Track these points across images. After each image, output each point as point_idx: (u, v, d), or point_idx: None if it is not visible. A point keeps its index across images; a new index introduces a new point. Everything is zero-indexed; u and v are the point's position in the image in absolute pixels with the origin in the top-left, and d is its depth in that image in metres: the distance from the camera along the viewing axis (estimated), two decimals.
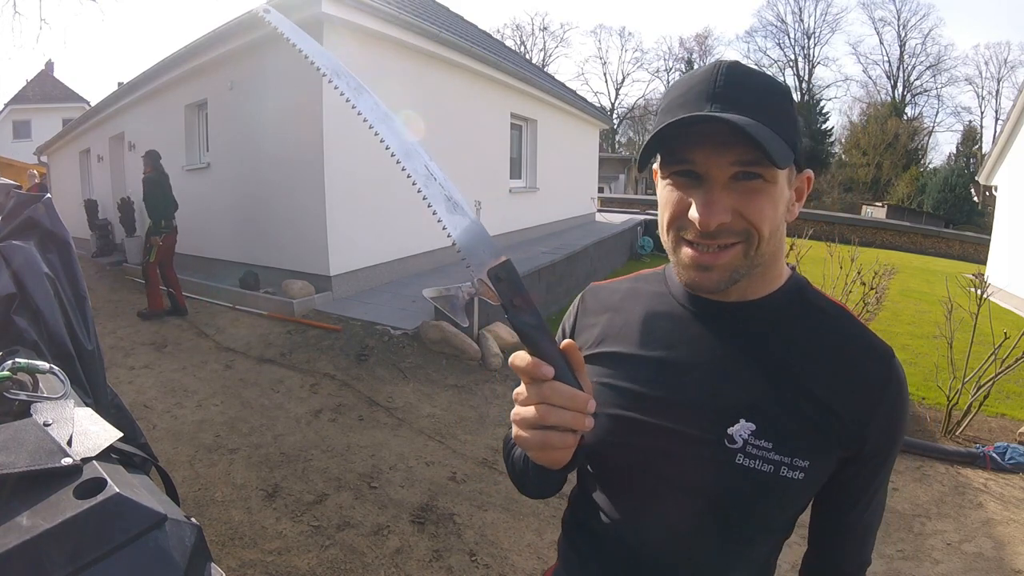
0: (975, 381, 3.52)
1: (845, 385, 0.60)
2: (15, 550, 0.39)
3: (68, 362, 0.87)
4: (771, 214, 0.58)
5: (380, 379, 3.98)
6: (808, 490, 0.61)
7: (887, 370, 0.61)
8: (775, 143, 0.54)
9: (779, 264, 0.66)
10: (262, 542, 2.25)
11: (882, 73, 31.40)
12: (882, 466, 0.64)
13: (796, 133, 0.59)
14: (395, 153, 0.58)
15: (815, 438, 0.59)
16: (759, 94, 0.57)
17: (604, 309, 0.74)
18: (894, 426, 0.62)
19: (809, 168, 0.64)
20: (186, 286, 6.53)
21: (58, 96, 21.61)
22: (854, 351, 0.62)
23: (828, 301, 0.67)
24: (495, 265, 0.54)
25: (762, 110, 0.56)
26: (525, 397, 0.54)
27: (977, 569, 2.31)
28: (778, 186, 0.58)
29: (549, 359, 0.53)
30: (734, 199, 0.57)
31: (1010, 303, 7.97)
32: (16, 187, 1.14)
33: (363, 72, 4.02)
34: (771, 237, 0.59)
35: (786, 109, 0.59)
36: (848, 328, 0.64)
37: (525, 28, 45.60)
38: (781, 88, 0.60)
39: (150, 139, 8.22)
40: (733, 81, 0.57)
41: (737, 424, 0.60)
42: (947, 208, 24.12)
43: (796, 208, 0.64)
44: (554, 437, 0.53)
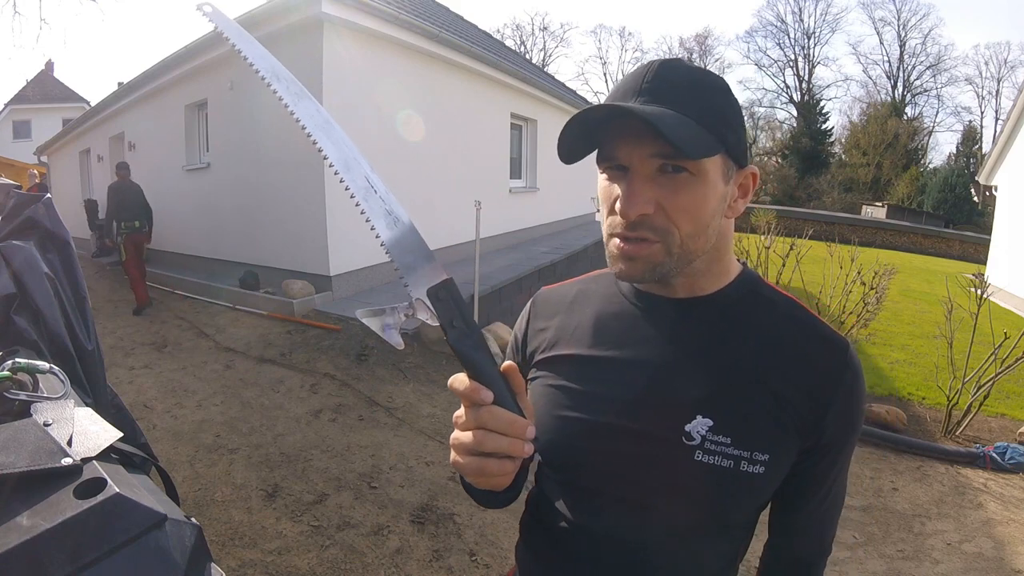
0: (975, 381, 3.52)
1: (801, 377, 0.60)
2: (15, 550, 0.39)
3: (68, 362, 0.87)
4: (694, 207, 0.57)
5: (380, 379, 3.99)
6: (770, 483, 0.61)
7: (842, 360, 0.61)
8: (685, 131, 0.53)
9: (725, 259, 0.65)
10: (262, 542, 2.25)
11: (882, 73, 31.43)
12: (840, 455, 0.64)
13: (727, 127, 0.58)
14: (333, 164, 0.55)
15: (774, 431, 0.59)
16: (687, 88, 0.57)
17: (555, 312, 0.74)
18: (851, 416, 0.62)
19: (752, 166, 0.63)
20: (186, 286, 6.55)
21: (58, 96, 21.60)
22: (808, 343, 0.62)
23: (780, 295, 0.66)
24: (436, 284, 0.51)
25: (687, 103, 0.56)
26: (464, 421, 0.53)
27: (977, 569, 2.31)
28: (706, 180, 0.57)
29: (489, 383, 0.51)
30: (657, 191, 0.57)
31: (1010, 303, 7.97)
32: (16, 187, 1.14)
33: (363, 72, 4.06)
34: (698, 232, 0.59)
35: (717, 102, 0.58)
36: (802, 320, 0.64)
37: (525, 28, 45.62)
38: (716, 83, 0.60)
39: (150, 139, 8.24)
40: (661, 76, 0.57)
41: (694, 420, 0.59)
42: (947, 208, 24.12)
43: (740, 204, 0.63)
44: (491, 465, 0.52)
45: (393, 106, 5.91)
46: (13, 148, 17.61)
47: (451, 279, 0.52)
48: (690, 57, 34.97)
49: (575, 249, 7.89)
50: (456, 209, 6.58)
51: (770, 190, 30.65)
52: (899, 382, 4.51)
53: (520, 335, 0.77)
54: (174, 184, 7.68)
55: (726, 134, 0.58)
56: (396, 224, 0.54)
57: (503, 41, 19.05)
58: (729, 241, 0.65)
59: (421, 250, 0.53)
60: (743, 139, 0.61)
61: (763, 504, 0.65)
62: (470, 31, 9.30)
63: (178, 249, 7.84)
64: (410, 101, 6.12)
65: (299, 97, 0.57)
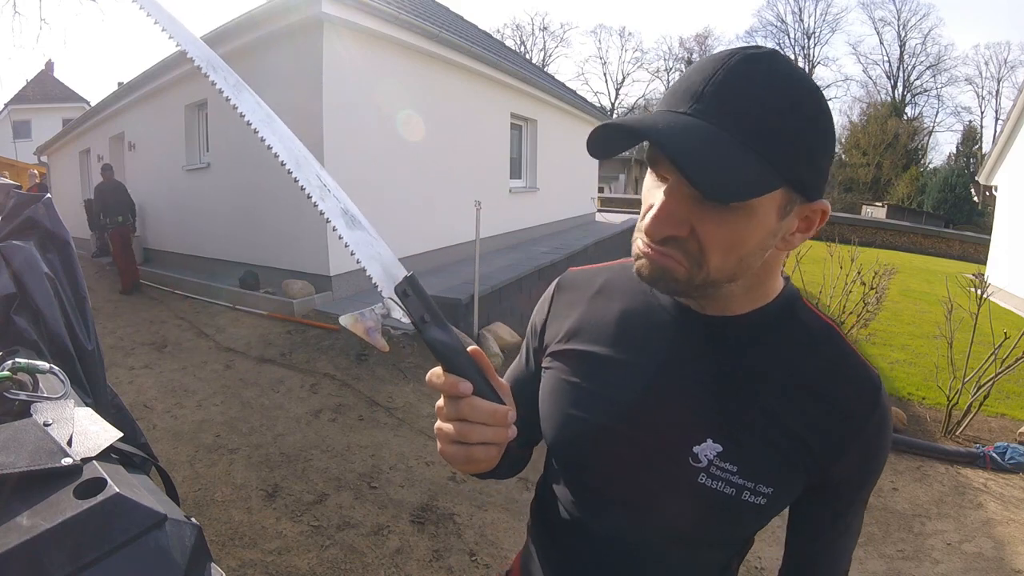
0: (975, 381, 3.52)
1: (823, 415, 0.57)
2: (15, 550, 0.39)
3: (68, 362, 0.87)
4: (732, 243, 0.51)
5: (380, 379, 3.99)
6: (770, 513, 0.59)
7: (871, 403, 0.57)
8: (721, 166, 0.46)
9: (767, 284, 0.60)
10: (262, 542, 2.25)
11: (882, 73, 31.43)
12: (858, 494, 0.62)
13: (799, 160, 0.49)
14: (284, 161, 0.53)
15: (782, 467, 0.57)
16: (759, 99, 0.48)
17: (578, 300, 0.70)
18: (872, 459, 0.59)
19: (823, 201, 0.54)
20: (186, 286, 6.55)
21: (58, 96, 21.60)
22: (838, 378, 0.58)
23: (817, 319, 0.62)
24: (400, 281, 0.51)
25: (749, 122, 0.47)
26: (444, 413, 0.53)
27: (977, 569, 2.31)
28: (754, 215, 0.50)
29: (465, 374, 0.51)
30: (693, 215, 0.51)
31: (1010, 303, 7.97)
32: (16, 187, 1.14)
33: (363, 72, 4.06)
34: (730, 268, 0.53)
35: (794, 127, 0.48)
36: (835, 352, 0.59)
37: (525, 28, 45.58)
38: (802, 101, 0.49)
39: (150, 139, 8.24)
40: (733, 80, 0.48)
41: (704, 443, 0.57)
42: (947, 208, 24.11)
43: (797, 239, 0.56)
44: (477, 452, 0.52)
45: (393, 106, 5.91)
46: (13, 148, 17.61)
47: (413, 274, 0.52)
48: (690, 57, 34.96)
49: (575, 249, 7.88)
50: (456, 209, 6.59)
51: None
52: (899, 382, 4.51)
53: (541, 320, 0.74)
54: (174, 184, 7.68)
55: (795, 167, 0.49)
56: (355, 224, 0.53)
57: (503, 41, 19.05)
58: (775, 269, 0.60)
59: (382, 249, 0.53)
60: (822, 170, 0.52)
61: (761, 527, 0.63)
62: (470, 31, 9.30)
63: (178, 249, 7.84)
64: (410, 101, 6.12)
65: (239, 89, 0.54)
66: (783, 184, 0.49)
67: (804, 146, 0.50)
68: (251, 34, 5.51)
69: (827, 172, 0.53)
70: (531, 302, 5.29)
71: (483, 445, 0.52)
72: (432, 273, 6.60)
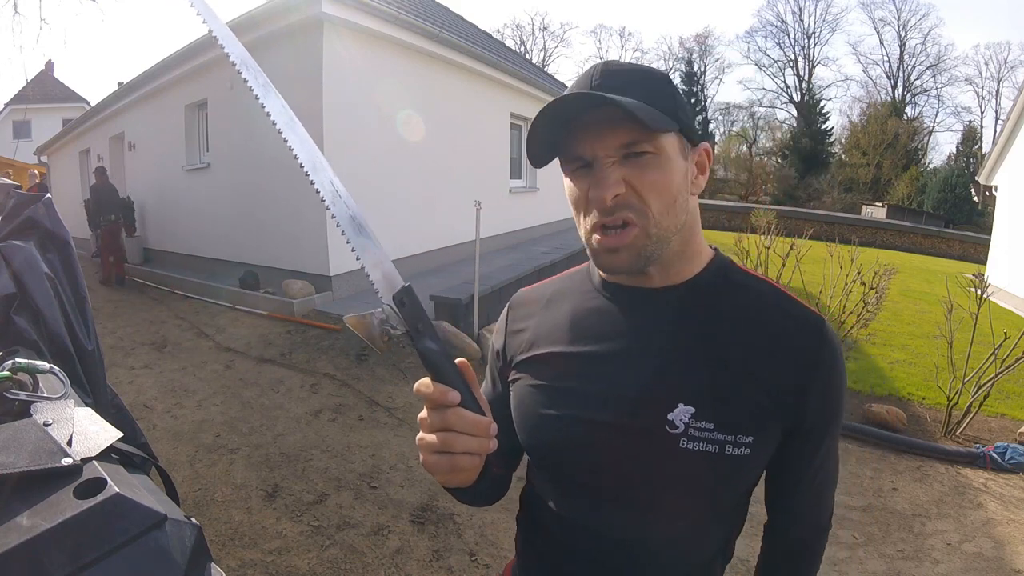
0: (975, 381, 3.52)
1: (777, 359, 0.61)
2: (15, 550, 0.39)
3: (68, 362, 0.87)
4: (662, 184, 0.59)
5: (380, 379, 3.99)
6: (756, 465, 0.62)
7: (819, 340, 0.62)
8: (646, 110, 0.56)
9: (694, 242, 0.66)
10: (262, 542, 2.25)
11: (882, 73, 31.41)
12: (827, 435, 0.65)
13: (678, 107, 0.60)
14: (303, 164, 0.56)
15: (756, 413, 0.60)
16: (635, 78, 0.60)
17: (532, 313, 0.74)
18: (833, 395, 0.63)
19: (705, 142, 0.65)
20: (186, 286, 6.56)
21: (58, 96, 21.60)
22: (783, 324, 0.62)
23: (753, 277, 0.67)
24: (398, 290, 0.54)
25: (637, 89, 0.58)
26: (429, 423, 0.55)
27: (977, 569, 2.31)
28: (668, 157, 0.59)
29: (453, 384, 0.53)
30: (625, 172, 0.59)
31: (1010, 303, 7.97)
32: (16, 187, 1.14)
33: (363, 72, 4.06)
34: (668, 208, 0.60)
35: (663, 87, 0.61)
36: (775, 301, 0.64)
37: (525, 28, 45.63)
38: (658, 73, 0.63)
39: (150, 139, 8.24)
40: (609, 73, 0.60)
41: (676, 409, 0.60)
42: (947, 208, 24.10)
43: (700, 180, 0.65)
44: (462, 460, 0.54)
45: (393, 106, 5.91)
46: (13, 148, 17.60)
47: (410, 285, 0.55)
48: (690, 57, 34.99)
49: (575, 249, 7.88)
50: (456, 209, 6.59)
51: (770, 190, 30.66)
52: (899, 382, 4.51)
53: (500, 342, 0.77)
54: (174, 184, 7.68)
55: (678, 113, 0.60)
56: (361, 231, 0.56)
57: (503, 41, 19.05)
58: (698, 221, 0.66)
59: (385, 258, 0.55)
60: (691, 118, 0.63)
61: (752, 485, 0.66)
62: (470, 31, 9.30)
63: (178, 249, 7.85)
64: (410, 101, 6.13)
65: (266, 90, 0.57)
66: (677, 126, 0.60)
67: (676, 98, 0.61)
68: (251, 34, 5.50)
69: (694, 123, 0.65)
70: None
71: (467, 455, 0.54)
72: (432, 273, 6.60)
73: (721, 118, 34.91)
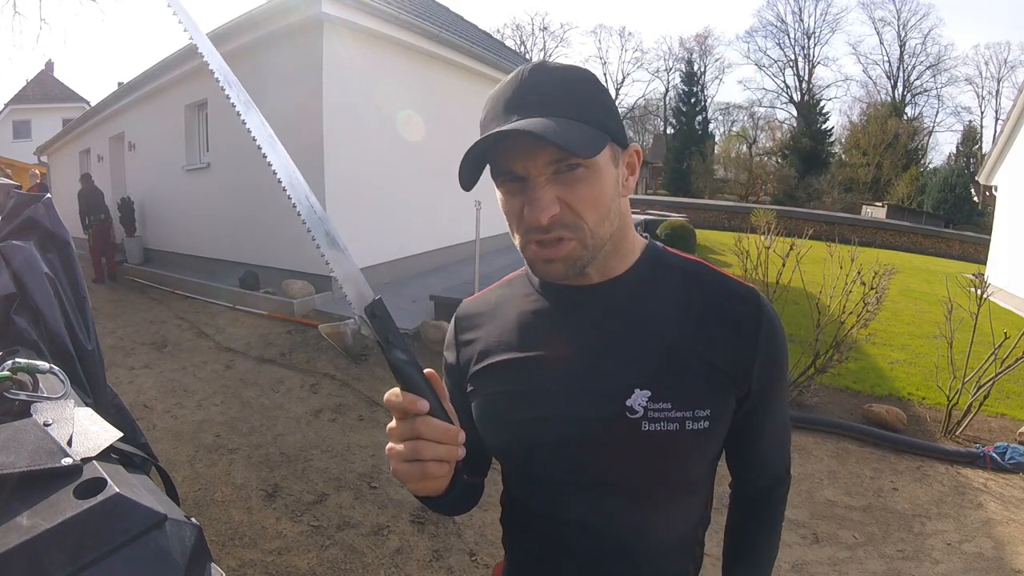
0: (975, 381, 3.52)
1: (720, 333, 0.64)
2: (15, 550, 0.39)
3: (68, 362, 0.87)
4: (596, 197, 0.60)
5: (380, 379, 3.99)
6: (717, 435, 0.65)
7: (756, 311, 0.65)
8: (576, 133, 0.56)
9: (630, 237, 0.68)
10: (262, 542, 2.25)
11: (882, 73, 31.41)
12: (774, 396, 0.69)
13: (606, 114, 0.61)
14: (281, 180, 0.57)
15: (708, 387, 0.63)
16: (560, 89, 0.59)
17: (479, 323, 0.75)
18: (775, 359, 0.66)
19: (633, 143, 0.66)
20: (186, 286, 6.56)
21: (58, 96, 21.59)
22: (720, 300, 0.65)
23: (686, 260, 0.70)
24: (370, 303, 0.56)
25: (563, 104, 0.58)
26: (399, 432, 0.56)
27: (977, 569, 2.31)
28: (600, 169, 0.60)
29: (422, 394, 0.55)
30: (558, 190, 0.59)
31: (1010, 303, 7.97)
32: (16, 187, 1.14)
33: (363, 72, 4.05)
34: (603, 218, 0.61)
35: (591, 94, 0.61)
36: (711, 280, 0.67)
37: (525, 28, 45.59)
38: (584, 76, 0.62)
39: (150, 139, 8.24)
40: (531, 85, 0.59)
41: (633, 395, 0.62)
42: (947, 208, 24.09)
43: (631, 182, 0.66)
44: (432, 468, 0.55)
45: (393, 106, 5.91)
46: (13, 148, 17.60)
47: (380, 298, 0.56)
48: (690, 57, 34.96)
49: None
50: (456, 209, 6.59)
51: (770, 190, 30.65)
52: (899, 382, 4.51)
53: (452, 356, 0.78)
54: (174, 184, 7.68)
55: (607, 123, 0.60)
56: (334, 245, 0.58)
57: (503, 41, 19.04)
58: (629, 220, 0.68)
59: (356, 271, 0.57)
60: (619, 121, 0.64)
61: (717, 453, 0.69)
62: (470, 31, 9.29)
63: (178, 249, 7.85)
64: (410, 101, 6.13)
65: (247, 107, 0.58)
66: (608, 139, 0.60)
67: (604, 105, 0.61)
68: (251, 34, 5.51)
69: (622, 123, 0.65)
70: None
71: (437, 462, 0.55)
72: (432, 273, 6.60)
73: (721, 118, 34.94)
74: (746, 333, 0.64)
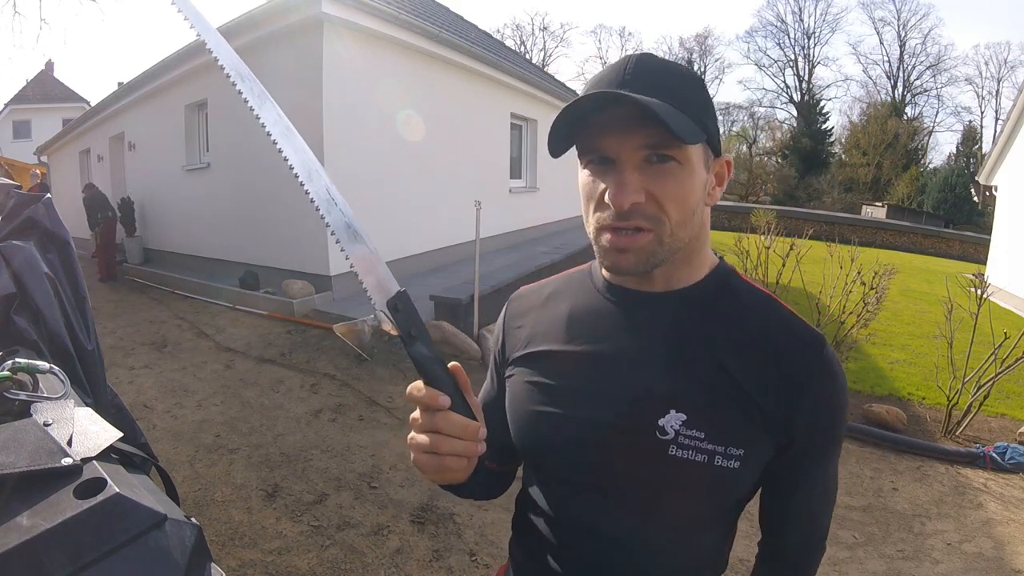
0: (975, 381, 3.52)
1: (772, 374, 0.59)
2: (15, 550, 0.39)
3: (68, 362, 0.87)
4: (683, 195, 0.58)
5: (380, 379, 3.99)
6: (747, 478, 0.60)
7: (815, 358, 0.60)
8: (678, 119, 0.54)
9: (702, 252, 0.65)
10: (262, 542, 2.25)
11: (882, 73, 31.41)
12: (823, 455, 0.63)
13: (707, 116, 0.59)
14: (298, 174, 0.56)
15: (747, 426, 0.59)
16: (667, 79, 0.58)
17: (529, 310, 0.74)
18: (827, 417, 0.61)
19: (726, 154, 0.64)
20: (186, 286, 6.56)
21: (58, 96, 21.59)
22: (779, 339, 0.61)
23: (754, 289, 0.66)
24: (392, 296, 0.55)
25: (669, 90, 0.56)
26: (420, 424, 0.56)
27: (977, 569, 2.31)
28: (691, 168, 0.58)
29: (444, 388, 0.54)
30: (646, 180, 0.57)
31: (1010, 303, 7.97)
32: (16, 187, 1.14)
33: (363, 72, 4.05)
34: (686, 220, 0.59)
35: (695, 93, 0.59)
36: (774, 315, 0.63)
37: (525, 28, 45.62)
38: (691, 75, 0.61)
39: (150, 139, 8.23)
40: (641, 69, 0.57)
41: (667, 415, 0.59)
42: (947, 208, 24.09)
43: (717, 192, 0.64)
44: (449, 462, 0.56)
45: (393, 106, 5.91)
46: (13, 148, 17.60)
47: (405, 291, 0.55)
48: (690, 57, 34.97)
49: (575, 249, 7.88)
50: (456, 209, 6.59)
51: (770, 190, 30.64)
52: (899, 382, 4.51)
53: (498, 340, 0.77)
54: (174, 184, 7.68)
55: (707, 123, 0.58)
56: (356, 237, 0.56)
57: (503, 41, 19.04)
58: (707, 232, 0.66)
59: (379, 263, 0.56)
60: (717, 128, 0.62)
61: (743, 498, 0.65)
62: (470, 31, 9.30)
63: (178, 249, 7.85)
64: (410, 101, 6.12)
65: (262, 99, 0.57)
66: (704, 137, 0.57)
67: (707, 106, 0.59)
68: (251, 34, 5.50)
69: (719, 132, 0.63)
70: None
71: (455, 456, 0.56)
72: (432, 273, 6.60)
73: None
74: (800, 380, 0.59)
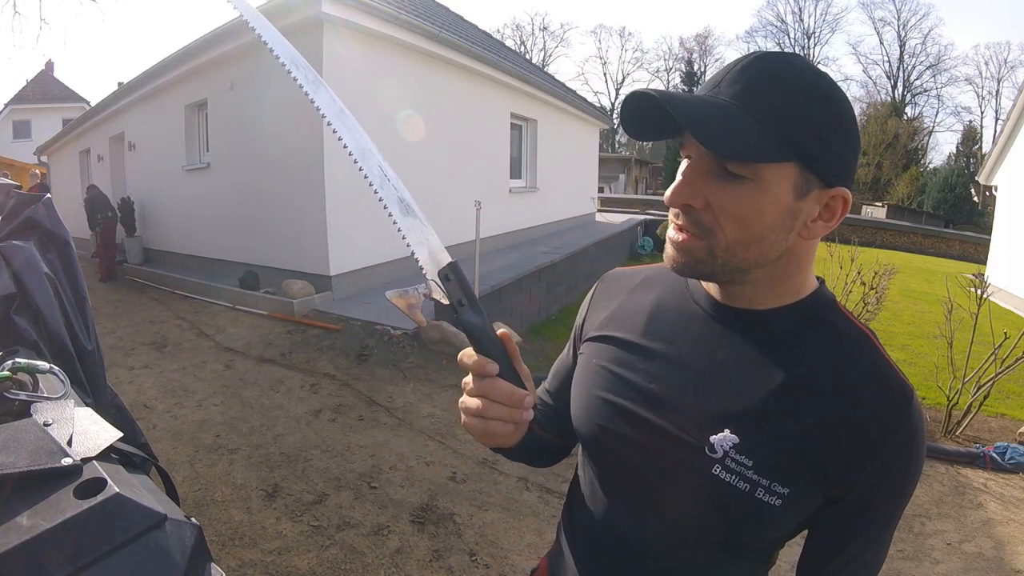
0: (975, 381, 3.52)
1: (845, 419, 0.54)
2: (15, 550, 0.39)
3: (68, 362, 0.87)
4: (745, 217, 0.53)
5: (380, 379, 3.98)
6: (787, 518, 0.56)
7: (899, 411, 0.55)
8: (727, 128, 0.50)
9: (795, 280, 0.60)
10: (262, 542, 2.25)
11: (882, 73, 31.49)
12: (879, 516, 0.58)
13: (809, 135, 0.51)
14: (352, 152, 0.59)
15: (799, 467, 0.55)
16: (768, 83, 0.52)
17: (617, 294, 0.74)
18: (897, 478, 0.56)
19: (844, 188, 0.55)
20: (186, 286, 6.56)
21: (58, 96, 21.59)
22: (863, 386, 0.55)
23: (851, 324, 0.60)
24: (444, 266, 0.58)
25: (758, 99, 0.51)
26: (471, 388, 0.59)
27: (977, 569, 2.31)
28: (765, 189, 0.52)
29: (493, 356, 0.57)
30: (709, 188, 0.54)
31: (1010, 303, 7.97)
32: (16, 187, 1.14)
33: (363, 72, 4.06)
34: (748, 242, 0.54)
35: (801, 105, 0.51)
36: (865, 358, 0.57)
37: (525, 28, 45.67)
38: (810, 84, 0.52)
39: (150, 139, 8.23)
40: (745, 68, 0.53)
41: (721, 433, 0.57)
42: (947, 208, 24.10)
43: (819, 227, 0.56)
44: (495, 427, 0.59)
45: (393, 106, 5.90)
46: (13, 148, 17.60)
47: (456, 262, 0.58)
48: (690, 57, 34.97)
49: (575, 249, 7.88)
50: (456, 209, 6.58)
51: None
52: None
53: (583, 313, 0.77)
54: (174, 184, 7.68)
55: (806, 144, 0.51)
56: (408, 211, 0.59)
57: (503, 41, 19.04)
58: (803, 263, 0.60)
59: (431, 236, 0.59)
60: (837, 154, 0.53)
61: (780, 537, 0.61)
62: (470, 31, 9.29)
63: (178, 249, 7.84)
64: (410, 101, 6.12)
65: (316, 85, 0.60)
66: (794, 159, 0.52)
67: (811, 125, 0.52)
68: (251, 34, 5.49)
69: (848, 162, 0.55)
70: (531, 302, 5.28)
71: (500, 422, 0.58)
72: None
73: None
74: (874, 435, 0.54)
